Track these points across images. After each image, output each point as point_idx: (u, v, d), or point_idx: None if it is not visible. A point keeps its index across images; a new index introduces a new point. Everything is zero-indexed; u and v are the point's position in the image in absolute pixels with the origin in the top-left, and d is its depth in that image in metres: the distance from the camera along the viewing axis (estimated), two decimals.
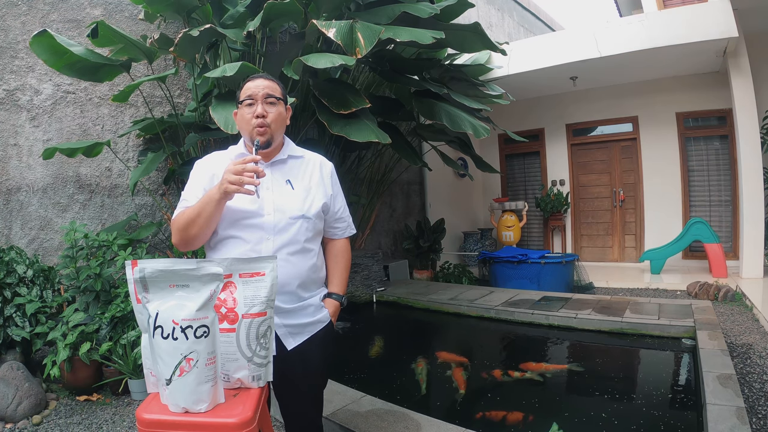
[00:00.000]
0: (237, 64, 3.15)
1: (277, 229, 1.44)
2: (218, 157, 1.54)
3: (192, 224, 1.36)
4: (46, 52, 3.23)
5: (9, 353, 3.02)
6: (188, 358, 1.16)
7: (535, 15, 11.79)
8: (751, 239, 5.40)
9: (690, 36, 5.27)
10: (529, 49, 6.43)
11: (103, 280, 3.18)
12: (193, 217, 1.36)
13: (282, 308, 1.46)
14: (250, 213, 1.42)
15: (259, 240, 1.42)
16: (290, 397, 1.57)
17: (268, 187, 1.46)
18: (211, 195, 1.32)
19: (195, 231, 1.37)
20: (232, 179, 1.26)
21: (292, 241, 1.46)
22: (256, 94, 1.46)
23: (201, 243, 1.43)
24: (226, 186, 1.27)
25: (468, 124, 4.40)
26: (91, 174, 4.09)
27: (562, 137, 8.02)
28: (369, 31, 3.30)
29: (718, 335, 3.27)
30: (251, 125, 1.44)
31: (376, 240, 6.96)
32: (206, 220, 1.35)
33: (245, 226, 1.43)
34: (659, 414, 2.54)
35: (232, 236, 1.43)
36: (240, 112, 1.50)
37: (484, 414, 2.66)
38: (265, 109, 1.45)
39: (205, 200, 1.34)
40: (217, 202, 1.32)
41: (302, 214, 1.48)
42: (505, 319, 4.44)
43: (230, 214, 1.41)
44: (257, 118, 1.44)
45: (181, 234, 1.39)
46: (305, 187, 1.53)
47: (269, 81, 1.50)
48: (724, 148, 6.73)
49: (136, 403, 2.90)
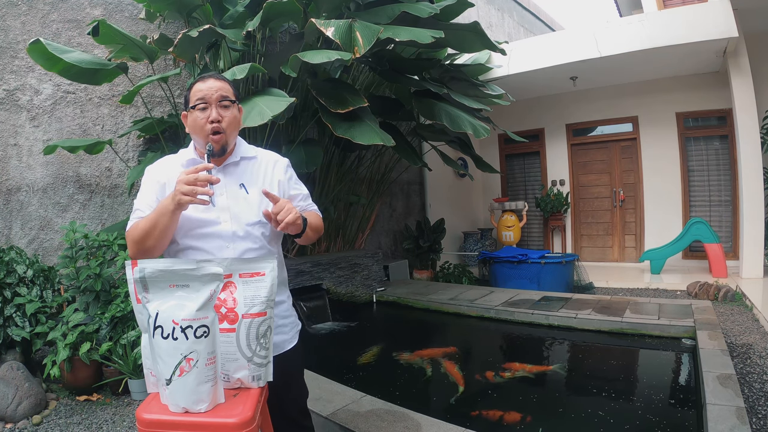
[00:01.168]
0: (246, 66, 3.15)
1: (236, 237, 1.39)
2: (168, 163, 1.48)
3: (147, 236, 1.29)
4: (42, 58, 3.24)
5: (9, 353, 3.03)
6: (188, 358, 1.16)
7: (535, 15, 11.79)
8: (751, 239, 5.40)
9: (690, 36, 5.27)
10: (529, 49, 6.43)
11: (103, 280, 3.18)
12: (147, 229, 1.29)
13: None
14: (205, 222, 1.37)
15: (219, 248, 1.37)
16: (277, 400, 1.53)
17: (221, 192, 1.39)
18: (165, 206, 1.26)
19: (151, 243, 1.30)
20: (185, 190, 1.21)
21: (250, 248, 1.41)
22: (209, 96, 1.38)
23: (158, 253, 1.37)
24: (180, 197, 1.22)
25: (468, 124, 4.40)
26: (91, 174, 4.09)
27: (562, 137, 8.02)
28: (368, 31, 3.31)
29: (718, 335, 3.27)
30: (205, 131, 1.37)
31: (376, 240, 6.96)
32: (161, 231, 1.29)
33: (202, 236, 1.37)
34: (659, 414, 2.54)
35: (190, 246, 1.38)
36: (191, 116, 1.41)
37: (480, 412, 2.66)
38: (219, 113, 1.38)
39: (160, 211, 1.28)
40: (172, 213, 1.26)
41: (259, 220, 1.42)
42: (505, 319, 4.44)
43: (186, 223, 1.36)
44: (211, 123, 1.37)
45: (137, 246, 1.32)
46: (260, 191, 1.43)
47: (222, 82, 1.42)
48: (724, 148, 6.73)
49: (136, 403, 2.90)
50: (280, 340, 1.50)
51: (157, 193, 1.40)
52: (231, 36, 3.49)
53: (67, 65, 3.25)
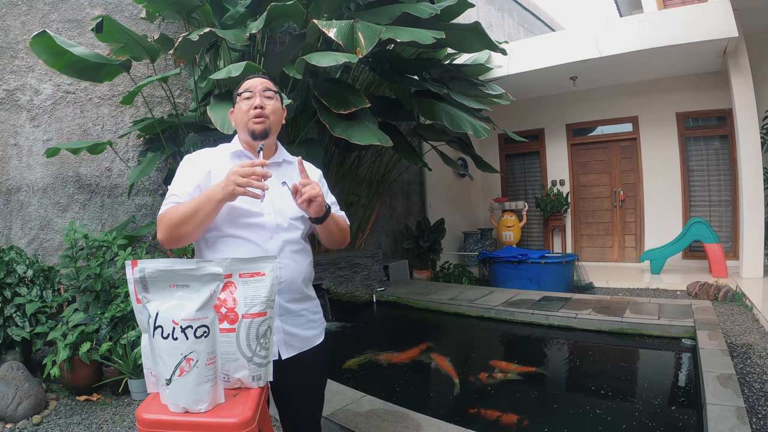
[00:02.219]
0: (241, 64, 3.15)
1: (280, 228, 1.45)
2: (213, 153, 1.53)
3: (186, 222, 1.31)
4: (46, 53, 3.24)
5: (9, 353, 3.02)
6: (188, 358, 1.16)
7: (535, 15, 11.79)
8: (751, 239, 5.40)
9: (690, 36, 5.27)
10: (529, 49, 6.43)
11: (103, 280, 3.18)
12: (188, 214, 1.30)
13: (288, 309, 1.46)
14: (251, 213, 1.42)
15: (264, 239, 1.42)
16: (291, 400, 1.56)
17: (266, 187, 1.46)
18: (212, 194, 1.29)
19: (188, 229, 1.32)
20: (241, 182, 1.24)
21: (294, 240, 1.48)
22: (254, 87, 1.48)
23: (190, 242, 1.39)
24: (234, 188, 1.25)
25: (468, 125, 4.40)
26: (91, 174, 4.09)
27: (562, 137, 8.02)
28: (369, 31, 3.30)
29: (718, 335, 3.27)
30: (249, 116, 1.45)
31: (376, 240, 6.96)
32: (203, 219, 1.31)
33: (247, 225, 1.42)
34: (659, 414, 2.54)
35: (233, 235, 1.41)
36: (237, 106, 1.50)
37: (479, 410, 2.66)
38: (263, 101, 1.47)
39: (204, 198, 1.30)
40: (218, 202, 1.29)
41: (301, 215, 1.49)
42: (505, 319, 4.44)
43: (231, 212, 1.39)
44: (255, 109, 1.45)
45: (171, 230, 1.33)
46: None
47: (267, 79, 1.53)
48: (724, 148, 6.73)
49: (136, 403, 2.90)
50: (311, 335, 1.54)
51: (199, 180, 1.42)
52: (231, 38, 3.48)
53: (73, 60, 3.25)
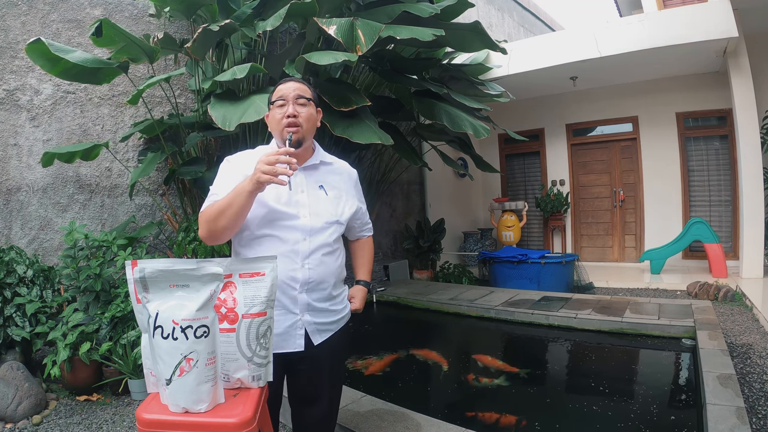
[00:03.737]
0: (246, 66, 3.16)
1: (313, 231, 1.49)
2: (249, 156, 1.55)
3: (221, 216, 1.35)
4: (42, 59, 3.20)
5: (9, 353, 3.03)
6: (188, 358, 1.16)
7: (535, 15, 11.79)
8: (751, 239, 5.39)
9: (690, 36, 5.26)
10: (529, 49, 6.43)
11: (103, 280, 3.18)
12: (223, 208, 1.35)
13: (314, 306, 1.52)
14: (287, 215, 1.46)
15: (297, 240, 1.46)
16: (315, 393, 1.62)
17: (302, 190, 1.51)
18: (243, 186, 1.32)
19: (224, 222, 1.35)
20: (266, 169, 1.26)
21: (325, 243, 1.52)
22: (287, 95, 1.49)
23: (228, 236, 1.42)
24: (259, 176, 1.27)
25: (468, 125, 4.40)
26: (91, 174, 4.09)
27: (562, 137, 8.02)
28: (369, 29, 3.30)
29: (718, 335, 3.27)
30: (282, 125, 1.47)
31: (376, 240, 6.93)
32: (236, 212, 1.33)
33: (282, 227, 1.46)
34: (659, 414, 2.54)
35: (268, 235, 1.45)
36: (271, 113, 1.53)
37: (477, 414, 2.65)
38: (296, 109, 1.48)
39: (236, 192, 1.33)
40: (249, 193, 1.31)
41: (336, 220, 1.55)
42: (505, 319, 4.44)
43: (268, 214, 1.44)
44: (288, 118, 1.46)
45: (209, 225, 1.38)
46: (337, 194, 1.59)
47: (300, 83, 1.54)
48: (724, 148, 6.73)
49: (136, 403, 2.90)
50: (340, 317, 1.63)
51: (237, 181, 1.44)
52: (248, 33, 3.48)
53: (69, 65, 3.22)
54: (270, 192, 1.42)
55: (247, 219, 1.42)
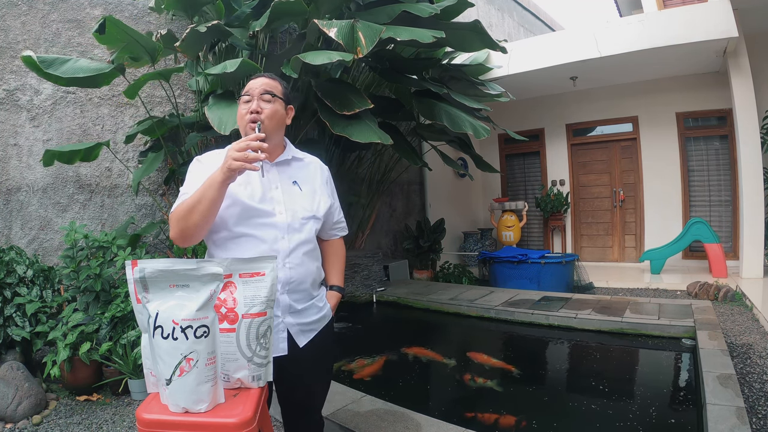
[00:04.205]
0: (237, 61, 3.15)
1: (291, 229, 1.45)
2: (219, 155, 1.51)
3: (193, 211, 1.29)
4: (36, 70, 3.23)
5: (9, 353, 3.02)
6: (188, 358, 1.16)
7: (535, 15, 11.79)
8: (751, 239, 5.40)
9: (690, 36, 5.26)
10: (529, 49, 6.43)
11: (102, 280, 3.18)
12: (193, 203, 1.29)
13: (295, 308, 1.48)
14: (262, 212, 1.41)
15: (275, 239, 1.42)
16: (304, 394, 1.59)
17: (276, 186, 1.47)
18: (214, 177, 1.28)
19: (196, 218, 1.29)
20: (237, 156, 1.23)
21: (305, 241, 1.48)
22: (253, 90, 1.45)
23: (201, 235, 1.36)
24: (230, 162, 1.23)
25: (468, 125, 4.40)
26: (91, 174, 4.09)
27: (562, 137, 8.01)
28: (370, 31, 3.30)
29: (718, 335, 3.27)
30: (245, 120, 1.44)
31: (376, 240, 6.96)
32: (208, 205, 1.28)
33: (258, 225, 1.41)
34: (659, 414, 2.54)
35: (245, 234, 1.40)
36: (238, 108, 1.50)
37: (476, 415, 2.66)
38: (260, 105, 1.44)
39: (207, 184, 1.29)
40: (220, 183, 1.26)
41: (313, 215, 1.51)
42: (505, 319, 4.44)
43: (242, 212, 1.39)
44: (251, 114, 1.42)
45: (180, 224, 1.32)
46: (311, 189, 1.55)
47: (270, 79, 1.50)
48: (724, 148, 6.73)
49: (136, 403, 2.90)
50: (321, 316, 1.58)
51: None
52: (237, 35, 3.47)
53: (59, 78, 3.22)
54: (243, 189, 1.39)
55: (222, 218, 1.37)
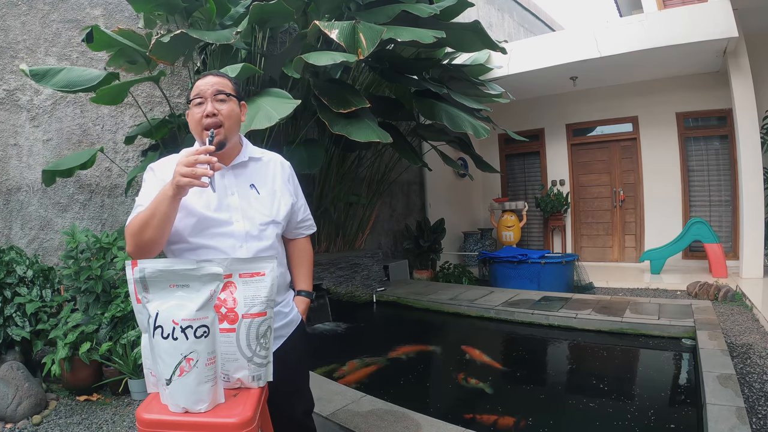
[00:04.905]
0: (238, 66, 3.14)
1: (249, 236, 1.39)
2: (172, 161, 1.43)
3: (146, 226, 1.24)
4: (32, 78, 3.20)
5: (9, 353, 3.02)
6: (188, 358, 1.16)
7: (535, 15, 11.79)
8: (751, 239, 5.40)
9: (690, 36, 5.27)
10: (529, 49, 6.43)
11: (103, 281, 3.17)
12: (146, 218, 1.24)
13: None
14: (218, 221, 1.36)
15: (232, 248, 1.36)
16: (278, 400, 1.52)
17: (233, 192, 1.41)
18: (164, 192, 1.22)
19: (150, 234, 1.25)
20: (184, 171, 1.17)
21: (265, 248, 1.42)
22: (204, 91, 1.37)
23: (158, 249, 1.31)
24: (178, 179, 1.18)
25: (468, 124, 4.40)
26: (91, 174, 4.09)
27: (562, 137, 8.02)
28: (371, 32, 3.31)
29: (718, 335, 3.27)
30: (201, 125, 1.36)
31: (376, 240, 6.96)
32: (161, 220, 1.23)
33: (215, 235, 1.36)
34: (659, 414, 2.54)
35: (203, 246, 1.36)
36: (190, 112, 1.41)
37: (474, 416, 2.65)
38: (215, 106, 1.36)
39: (158, 199, 1.23)
40: (171, 199, 1.21)
41: (272, 219, 1.44)
42: (505, 319, 4.44)
43: (198, 223, 1.35)
44: (207, 118, 1.35)
45: (135, 239, 1.27)
46: (270, 191, 1.48)
47: (219, 77, 1.42)
48: (724, 148, 6.73)
49: (136, 403, 2.90)
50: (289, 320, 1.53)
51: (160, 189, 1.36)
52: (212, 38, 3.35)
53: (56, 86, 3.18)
54: (198, 198, 1.33)
55: (178, 230, 1.32)
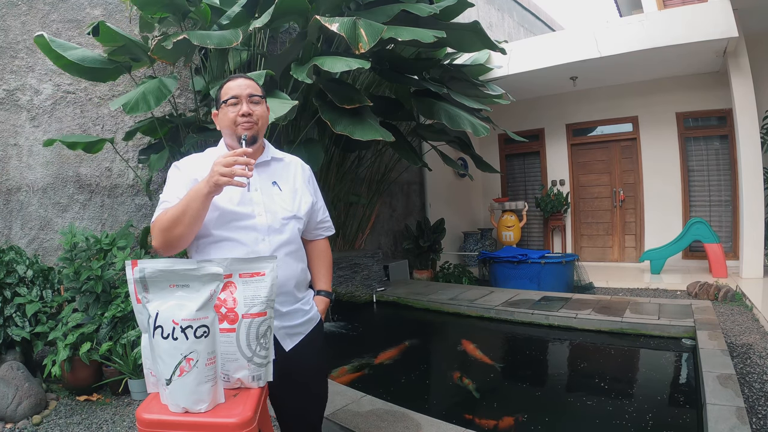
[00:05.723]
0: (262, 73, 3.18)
1: (272, 230, 1.43)
2: (199, 160, 1.51)
3: (177, 223, 1.29)
4: (47, 51, 3.28)
5: (9, 353, 3.03)
6: (188, 358, 1.16)
7: (535, 15, 11.80)
8: (751, 239, 5.39)
9: (690, 36, 5.26)
10: (529, 49, 6.43)
11: (103, 281, 3.17)
12: (178, 215, 1.28)
13: (279, 311, 1.45)
14: (242, 215, 1.40)
15: (255, 241, 1.41)
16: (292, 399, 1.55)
17: (257, 188, 1.46)
18: (199, 189, 1.27)
19: (181, 230, 1.29)
20: (224, 171, 1.23)
21: (287, 242, 1.47)
22: (240, 93, 1.45)
23: (185, 245, 1.36)
24: (217, 178, 1.23)
25: (467, 123, 4.40)
26: (91, 174, 4.09)
27: (562, 137, 8.02)
28: (371, 28, 3.31)
29: (718, 335, 3.27)
30: (236, 123, 1.44)
31: (376, 240, 6.96)
32: (193, 217, 1.28)
33: (238, 228, 1.40)
34: (659, 414, 2.54)
35: (226, 238, 1.40)
36: (222, 111, 1.48)
37: (474, 419, 2.65)
38: (250, 107, 1.45)
39: (192, 196, 1.28)
40: (205, 196, 1.26)
41: (294, 215, 1.50)
42: (505, 319, 4.44)
43: (222, 216, 1.39)
44: (243, 117, 1.43)
45: (164, 235, 1.31)
46: (292, 189, 1.54)
47: (250, 80, 1.50)
48: (724, 148, 6.73)
49: (136, 403, 2.90)
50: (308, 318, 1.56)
51: (188, 186, 1.40)
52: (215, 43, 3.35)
53: (70, 62, 3.27)
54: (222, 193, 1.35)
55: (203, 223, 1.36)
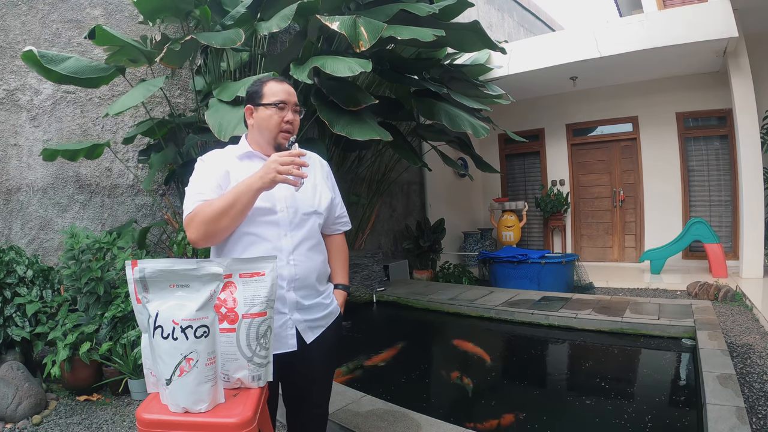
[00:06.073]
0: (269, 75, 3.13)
1: (293, 225, 1.47)
2: (224, 154, 1.53)
3: (224, 215, 1.31)
4: (36, 66, 3.23)
5: (9, 353, 3.03)
6: (188, 358, 1.16)
7: (535, 15, 11.80)
8: (751, 239, 5.39)
9: (690, 36, 5.26)
10: (529, 49, 6.43)
11: (104, 282, 3.17)
12: (225, 207, 1.31)
13: (302, 304, 1.50)
14: (263, 210, 1.43)
15: (278, 237, 1.44)
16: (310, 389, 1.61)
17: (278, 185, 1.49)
18: (250, 184, 1.31)
19: (226, 222, 1.33)
20: (282, 169, 1.27)
21: (308, 236, 1.51)
22: (289, 100, 1.49)
23: (224, 237, 1.40)
24: (274, 175, 1.28)
25: (468, 124, 4.40)
26: (91, 174, 4.09)
27: (562, 137, 8.01)
28: (372, 26, 3.31)
29: (718, 335, 3.27)
30: (279, 128, 1.47)
31: (376, 240, 6.96)
32: (241, 210, 1.32)
33: (261, 223, 1.43)
34: (659, 414, 2.54)
35: (249, 233, 1.43)
36: (264, 112, 1.48)
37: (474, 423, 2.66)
38: (294, 116, 1.49)
39: (242, 190, 1.31)
40: (256, 191, 1.31)
41: (314, 210, 1.53)
42: (505, 319, 4.44)
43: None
44: (287, 124, 1.47)
45: (206, 227, 1.33)
46: (312, 184, 1.56)
47: (292, 88, 1.54)
48: (724, 148, 6.73)
49: (136, 403, 2.90)
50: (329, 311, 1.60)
51: (219, 179, 1.43)
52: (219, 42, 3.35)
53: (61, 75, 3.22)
54: None
55: None
